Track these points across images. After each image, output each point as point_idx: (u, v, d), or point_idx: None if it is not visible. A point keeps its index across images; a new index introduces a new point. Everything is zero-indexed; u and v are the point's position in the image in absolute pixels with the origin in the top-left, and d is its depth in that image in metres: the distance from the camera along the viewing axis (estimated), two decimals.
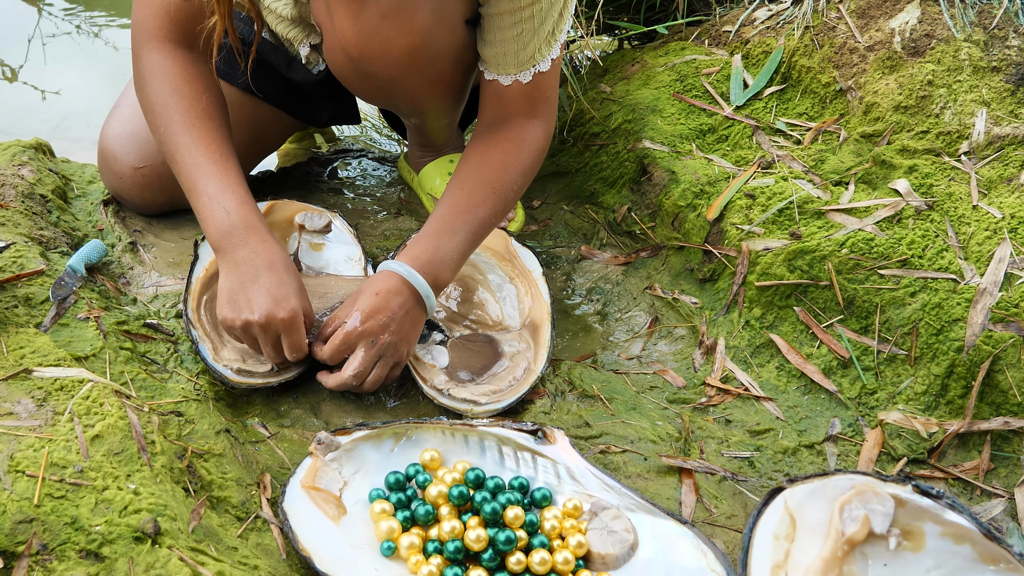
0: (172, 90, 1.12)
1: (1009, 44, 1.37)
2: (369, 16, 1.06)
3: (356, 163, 1.73)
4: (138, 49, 1.15)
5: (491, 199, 1.15)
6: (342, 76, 1.20)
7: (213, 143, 1.11)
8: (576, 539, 0.92)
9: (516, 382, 1.12)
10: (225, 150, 1.12)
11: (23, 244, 1.13)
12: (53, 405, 0.86)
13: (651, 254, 1.40)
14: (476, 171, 1.16)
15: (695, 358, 1.23)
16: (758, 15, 1.64)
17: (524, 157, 1.18)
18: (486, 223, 1.15)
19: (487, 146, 1.18)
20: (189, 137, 1.11)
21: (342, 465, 0.99)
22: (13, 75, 2.26)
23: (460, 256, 1.12)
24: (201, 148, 1.10)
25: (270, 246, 1.08)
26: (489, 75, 1.17)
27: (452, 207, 1.14)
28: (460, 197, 1.14)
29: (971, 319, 1.08)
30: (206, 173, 1.09)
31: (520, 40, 1.11)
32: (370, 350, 1.06)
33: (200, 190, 1.09)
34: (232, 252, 1.06)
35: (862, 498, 0.91)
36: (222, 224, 1.07)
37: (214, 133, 1.12)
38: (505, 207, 1.17)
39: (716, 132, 1.49)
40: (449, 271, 1.11)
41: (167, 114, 1.12)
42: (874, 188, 1.29)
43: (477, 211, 1.13)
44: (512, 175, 1.17)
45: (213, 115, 1.13)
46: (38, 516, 0.75)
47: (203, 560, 0.78)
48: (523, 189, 1.20)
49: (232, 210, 1.07)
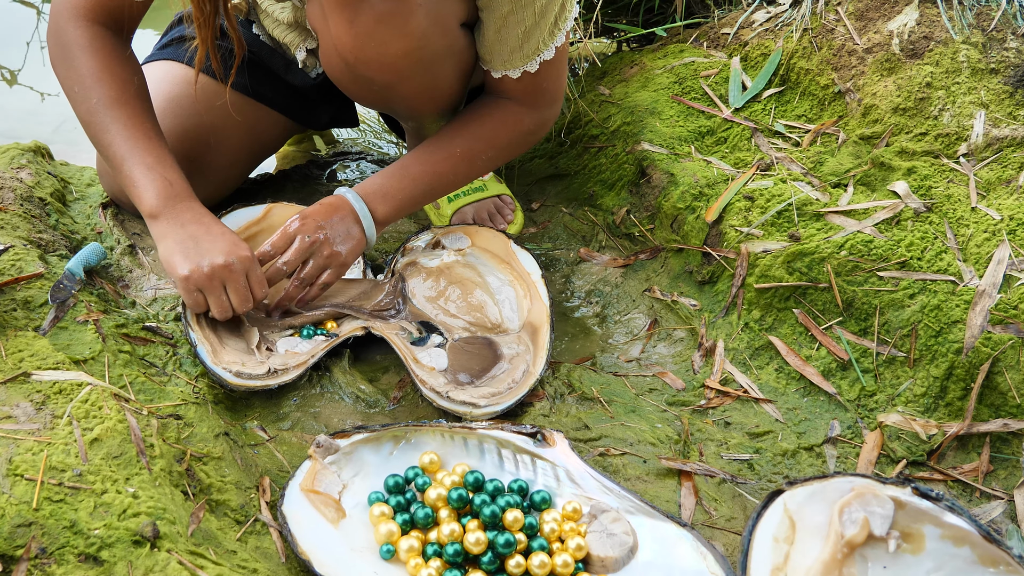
0: (103, 67, 1.14)
1: (1007, 46, 1.37)
2: (364, 21, 1.06)
3: (355, 165, 1.73)
4: (63, 24, 1.15)
5: (458, 164, 1.23)
6: (338, 80, 1.20)
7: (147, 122, 1.14)
8: (575, 542, 0.91)
9: (515, 384, 1.12)
10: (158, 130, 1.16)
11: (22, 247, 1.13)
12: (52, 408, 0.86)
13: (650, 256, 1.40)
14: (453, 137, 1.23)
15: (694, 360, 1.23)
16: (756, 17, 1.65)
17: (504, 136, 1.24)
18: (446, 183, 1.24)
19: (473, 117, 1.25)
20: (123, 112, 1.13)
21: (341, 468, 0.98)
22: (12, 78, 2.26)
23: (407, 201, 1.21)
24: (136, 124, 1.13)
25: (211, 215, 1.14)
26: (496, 73, 1.20)
27: (419, 159, 1.22)
28: (430, 152, 1.22)
29: (970, 321, 1.08)
30: (144, 148, 1.12)
31: (524, 35, 1.14)
32: (303, 244, 1.13)
33: (138, 161, 1.12)
34: (177, 216, 1.11)
35: (862, 500, 0.91)
36: (164, 191, 1.11)
37: (146, 114, 1.15)
38: (469, 176, 1.25)
39: (715, 134, 1.49)
40: (391, 209, 1.20)
41: (98, 88, 1.13)
42: (873, 190, 1.29)
43: (440, 168, 1.22)
44: (486, 149, 1.24)
45: (144, 97, 1.16)
46: (37, 520, 0.75)
47: (202, 564, 0.78)
48: (497, 163, 1.27)
49: (174, 181, 1.12)
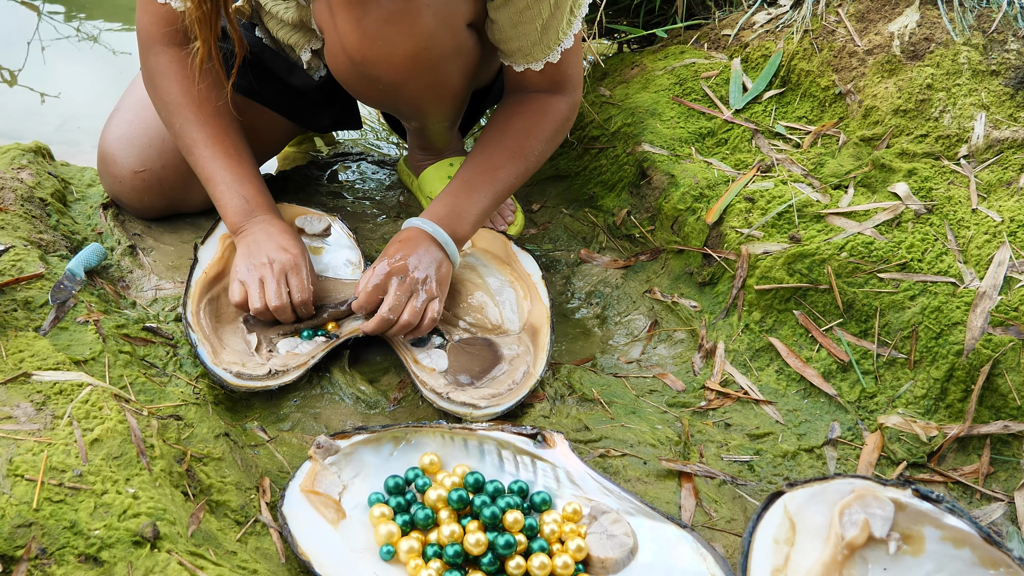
0: (182, 90, 1.20)
1: (1008, 48, 1.37)
2: (372, 20, 1.07)
3: (356, 166, 1.73)
4: (145, 52, 1.22)
5: (511, 162, 1.23)
6: (344, 80, 1.20)
7: (227, 138, 1.21)
8: (576, 543, 0.91)
9: (515, 386, 1.12)
10: (239, 144, 1.22)
11: (22, 248, 1.13)
12: (52, 409, 0.86)
13: (650, 258, 1.40)
14: (497, 137, 1.24)
15: (694, 362, 1.23)
16: (757, 19, 1.65)
17: (546, 125, 1.25)
18: (506, 184, 1.23)
19: (510, 115, 1.25)
20: (204, 133, 1.20)
21: (341, 469, 0.98)
22: (12, 78, 2.26)
23: (479, 213, 1.21)
24: (216, 143, 1.20)
25: (280, 225, 1.20)
26: (519, 67, 1.22)
27: (473, 169, 1.22)
28: (481, 160, 1.23)
29: (971, 323, 1.08)
30: (223, 166, 1.19)
31: (543, 28, 1.16)
32: (401, 285, 1.12)
33: (218, 180, 1.19)
34: (249, 232, 1.19)
35: (862, 502, 0.91)
36: (240, 210, 1.19)
37: (227, 128, 1.21)
38: (526, 171, 1.25)
39: (715, 135, 1.49)
40: (468, 225, 1.20)
41: (181, 112, 1.20)
42: (873, 192, 1.29)
43: (497, 172, 1.22)
44: (534, 142, 1.24)
45: (223, 112, 1.21)
46: (37, 520, 0.75)
47: (202, 564, 0.78)
48: (545, 155, 1.28)
49: (250, 198, 1.20)
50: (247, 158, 1.22)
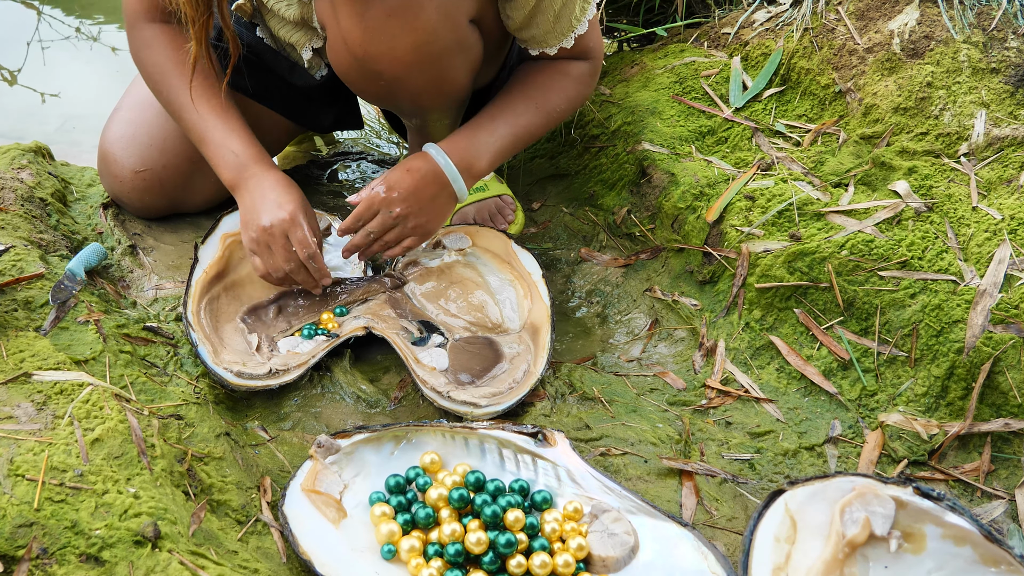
0: (166, 58, 1.22)
1: (1008, 45, 1.37)
2: (375, 14, 1.07)
3: (356, 166, 1.73)
4: (130, 28, 1.25)
5: (533, 111, 1.24)
6: (345, 75, 1.20)
7: (213, 97, 1.21)
8: (577, 542, 0.92)
9: (516, 384, 1.12)
10: (224, 101, 1.22)
11: (23, 248, 1.13)
12: (53, 409, 0.86)
13: (651, 256, 1.40)
14: (520, 88, 1.25)
15: (695, 360, 1.23)
16: (757, 17, 1.65)
17: (568, 85, 1.26)
18: (528, 130, 1.24)
19: (532, 72, 1.26)
20: (187, 97, 1.20)
21: (342, 468, 0.99)
22: (12, 78, 2.26)
23: (497, 151, 1.21)
24: (203, 103, 1.20)
25: (273, 173, 1.19)
26: (535, 51, 1.24)
27: (495, 109, 1.23)
28: (503, 104, 1.24)
29: (971, 320, 1.08)
30: (211, 124, 1.20)
31: (555, 17, 1.17)
32: (386, 217, 1.15)
33: (208, 139, 1.20)
34: (244, 185, 1.19)
35: (863, 500, 0.91)
36: (232, 164, 1.19)
37: (211, 89, 1.21)
38: (546, 125, 1.26)
39: (715, 134, 1.49)
40: (484, 161, 1.20)
41: (167, 79, 1.22)
42: (874, 190, 1.29)
43: (519, 118, 1.23)
44: (555, 97, 1.26)
45: (207, 73, 1.22)
46: (38, 520, 0.75)
47: (203, 564, 0.78)
48: (565, 115, 1.28)
49: (239, 151, 1.19)
50: (233, 113, 1.22)
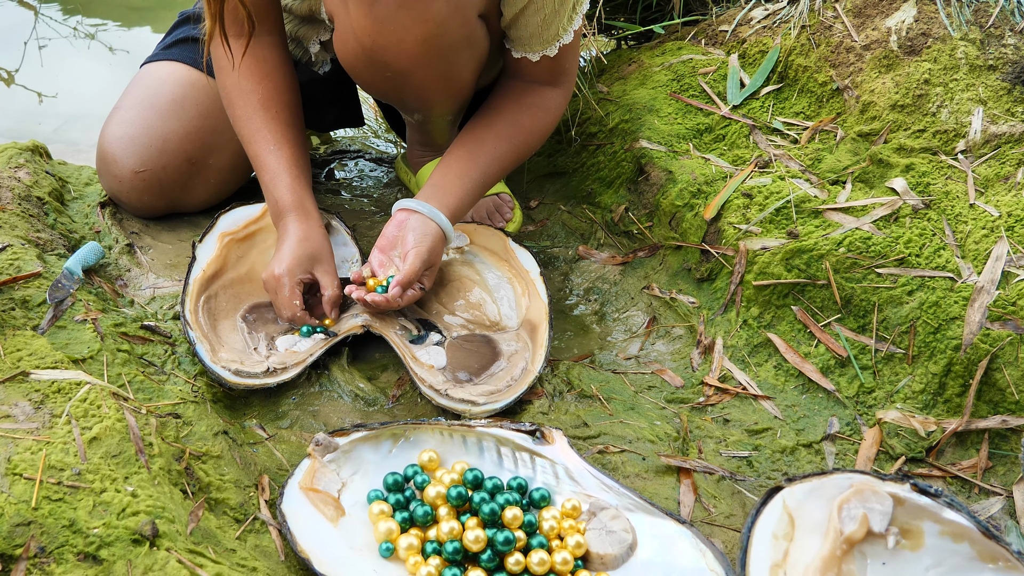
0: (232, 84, 1.25)
1: (1005, 42, 1.37)
2: (385, 4, 1.07)
3: (353, 164, 1.73)
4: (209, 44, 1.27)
5: (500, 145, 1.27)
6: (352, 67, 1.20)
7: (269, 132, 1.24)
8: (575, 539, 0.92)
9: (514, 382, 1.12)
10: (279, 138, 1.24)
11: (20, 246, 1.13)
12: (51, 407, 0.86)
13: (648, 254, 1.40)
14: (499, 123, 1.27)
15: (693, 358, 1.23)
16: (754, 14, 1.65)
17: (547, 122, 1.30)
18: (502, 171, 1.29)
19: (503, 101, 1.29)
20: (250, 128, 1.24)
21: (340, 466, 0.99)
22: (10, 78, 2.26)
23: (476, 196, 1.27)
24: (259, 138, 1.24)
25: (299, 225, 1.20)
26: (517, 53, 1.24)
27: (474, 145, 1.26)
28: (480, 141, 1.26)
29: (968, 317, 1.08)
30: (262, 164, 1.23)
31: (544, 23, 1.18)
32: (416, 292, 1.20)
33: (261, 177, 1.24)
34: (279, 223, 1.22)
35: (861, 497, 0.91)
36: (272, 209, 1.23)
37: (270, 122, 1.24)
38: (515, 158, 1.30)
39: (713, 131, 1.49)
40: (465, 208, 1.26)
41: (232, 108, 1.26)
42: (871, 187, 1.29)
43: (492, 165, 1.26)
44: (533, 139, 1.30)
45: (268, 104, 1.25)
46: (36, 519, 0.75)
47: (201, 562, 0.78)
48: (533, 147, 1.32)
49: (280, 198, 1.22)
50: (287, 151, 1.24)
